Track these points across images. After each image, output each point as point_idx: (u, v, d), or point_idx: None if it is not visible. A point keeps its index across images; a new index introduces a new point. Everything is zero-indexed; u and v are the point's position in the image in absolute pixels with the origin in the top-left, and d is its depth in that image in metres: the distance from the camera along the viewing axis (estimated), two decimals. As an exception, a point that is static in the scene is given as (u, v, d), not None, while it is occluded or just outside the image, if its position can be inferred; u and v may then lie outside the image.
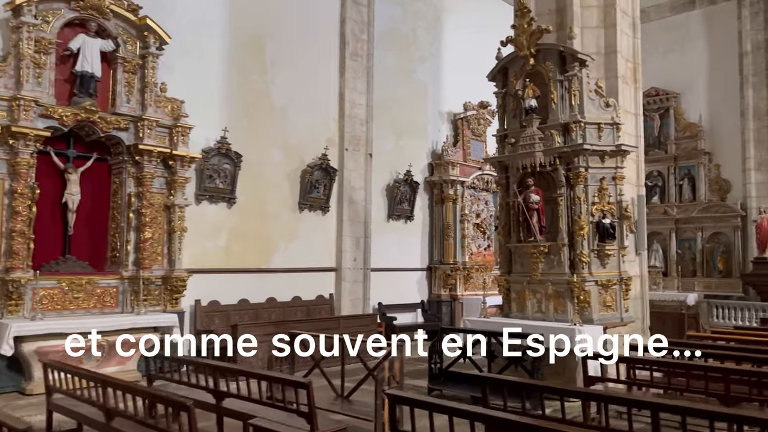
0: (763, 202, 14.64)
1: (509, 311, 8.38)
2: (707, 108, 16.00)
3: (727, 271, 15.34)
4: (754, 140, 14.97)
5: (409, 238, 13.52)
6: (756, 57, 15.02)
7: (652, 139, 16.89)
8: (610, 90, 8.22)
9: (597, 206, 7.79)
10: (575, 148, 7.68)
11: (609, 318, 7.71)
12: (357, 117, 12.07)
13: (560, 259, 7.81)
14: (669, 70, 16.62)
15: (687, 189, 16.16)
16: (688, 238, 16.00)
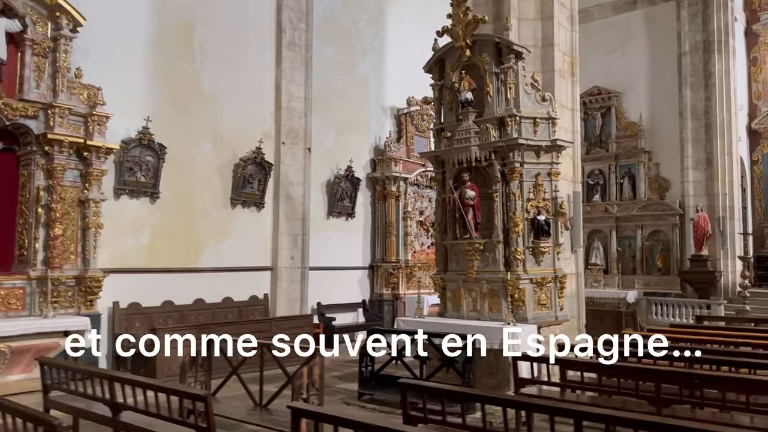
0: (700, 200, 14.89)
1: (445, 310, 8.12)
2: (648, 107, 16.20)
3: (665, 269, 15.56)
4: (691, 140, 15.20)
5: (351, 235, 13.14)
6: (694, 58, 15.27)
7: (594, 138, 17.03)
8: (547, 84, 8.05)
9: (532, 202, 7.60)
10: (510, 143, 7.47)
11: (544, 317, 7.53)
12: (295, 110, 11.60)
13: (495, 256, 7.59)
14: (611, 69, 16.77)
15: (627, 187, 16.33)
16: (629, 236, 16.17)
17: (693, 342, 7.42)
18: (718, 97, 14.92)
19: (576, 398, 5.65)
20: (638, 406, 5.13)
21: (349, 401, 7.17)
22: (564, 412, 3.52)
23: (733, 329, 8.71)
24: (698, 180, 15.10)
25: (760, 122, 16.88)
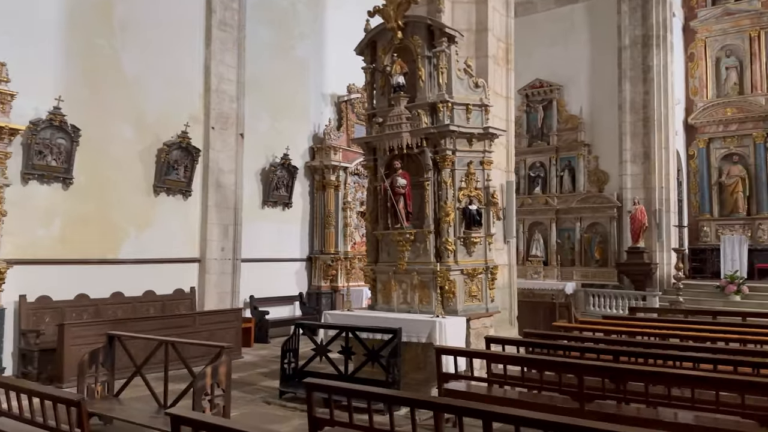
0: (637, 193, 15.10)
1: (375, 303, 7.82)
2: (588, 101, 16.32)
3: (603, 261, 15.75)
4: (630, 133, 15.38)
5: (287, 226, 12.70)
6: (633, 52, 15.43)
7: (536, 131, 17.08)
8: (480, 70, 7.83)
9: (464, 191, 7.37)
10: (442, 130, 7.20)
11: (474, 308, 7.32)
12: (226, 93, 11.05)
13: (426, 247, 7.33)
14: (554, 62, 16.81)
15: (568, 180, 16.44)
16: (568, 228, 16.29)
17: (623, 334, 7.37)
18: (656, 91, 15.14)
19: (503, 394, 5.44)
20: (563, 402, 4.96)
21: (270, 400, 6.79)
22: (471, 412, 3.26)
23: (664, 321, 8.75)
24: (636, 173, 15.30)
25: (696, 117, 17.26)
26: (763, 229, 16.08)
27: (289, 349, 6.96)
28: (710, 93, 17.31)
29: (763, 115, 16.23)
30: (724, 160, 17.07)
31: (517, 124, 17.40)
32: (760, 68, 16.51)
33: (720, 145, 17.15)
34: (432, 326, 6.57)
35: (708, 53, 17.39)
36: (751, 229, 16.28)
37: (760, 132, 16.34)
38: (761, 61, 16.51)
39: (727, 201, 16.90)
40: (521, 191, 17.08)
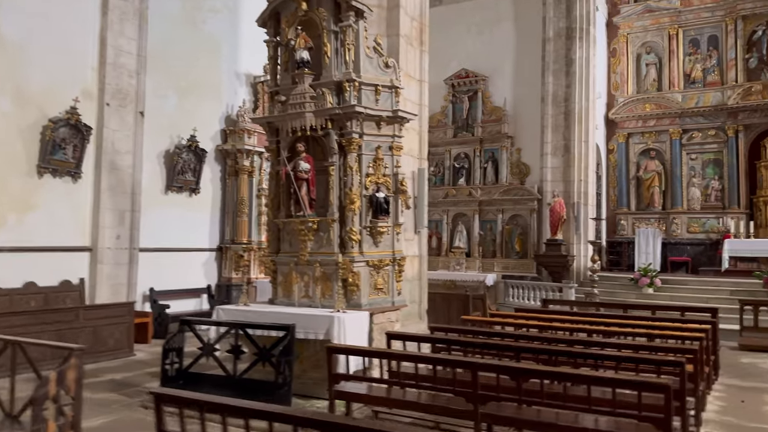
0: (557, 186, 15.16)
1: (275, 297, 7.26)
2: (512, 92, 16.26)
3: (523, 252, 15.78)
4: (551, 126, 15.42)
5: (195, 214, 11.88)
6: (557, 44, 15.45)
7: (461, 122, 16.91)
8: (392, 50, 7.38)
9: (371, 178, 6.90)
10: (348, 111, 6.70)
11: (380, 302, 6.89)
12: (124, 67, 10.11)
13: (330, 236, 6.82)
14: (480, 52, 16.67)
15: (491, 172, 16.37)
16: (491, 220, 16.23)
17: (532, 328, 7.14)
18: (578, 84, 15.22)
19: (402, 396, 5.03)
20: (458, 404, 4.59)
21: (149, 404, 6.10)
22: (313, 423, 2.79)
23: (574, 314, 8.64)
24: (556, 166, 15.36)
25: (617, 112, 17.54)
26: (677, 224, 16.56)
27: (173, 348, 6.30)
28: (631, 89, 17.65)
29: (679, 111, 16.66)
30: (642, 155, 17.46)
31: (443, 114, 17.25)
32: (678, 65, 16.94)
33: (639, 140, 17.52)
34: (330, 322, 6.09)
35: (629, 49, 17.70)
36: (666, 223, 16.73)
37: (676, 128, 16.79)
38: (679, 59, 16.94)
39: (644, 195, 17.31)
40: (446, 182, 16.92)
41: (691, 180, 16.61)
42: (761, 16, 15.80)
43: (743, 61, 16.03)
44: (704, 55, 16.71)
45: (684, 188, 16.62)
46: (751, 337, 10.05)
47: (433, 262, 16.78)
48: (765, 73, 15.81)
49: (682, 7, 16.85)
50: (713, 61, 16.57)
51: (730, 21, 16.17)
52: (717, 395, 6.91)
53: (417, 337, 5.85)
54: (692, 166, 16.66)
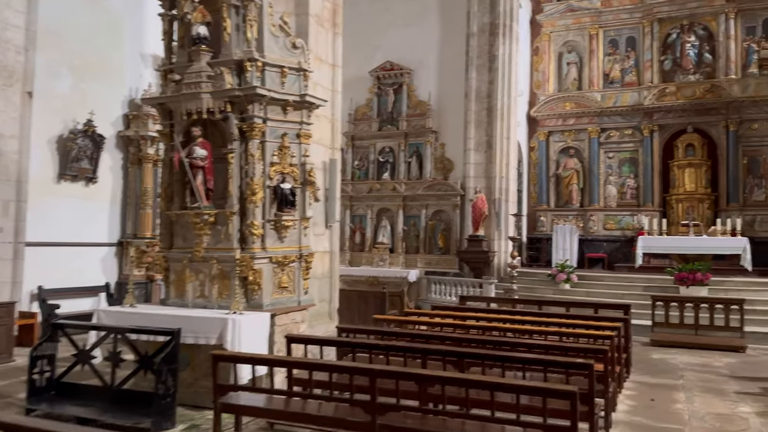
0: (479, 182, 15.07)
1: (168, 297, 6.60)
2: (437, 87, 16.05)
3: (446, 248, 15.63)
4: (474, 122, 15.31)
5: (92, 205, 10.90)
6: (480, 39, 15.34)
7: (386, 115, 16.56)
8: (301, 30, 6.88)
9: (276, 168, 6.38)
10: (249, 93, 6.14)
11: (284, 302, 6.39)
12: (10, 42, 9.04)
13: (228, 231, 6.24)
14: (405, 44, 16.34)
15: (416, 166, 16.11)
16: (415, 216, 15.99)
17: (447, 327, 6.83)
18: (501, 81, 15.17)
19: (302, 407, 4.54)
20: (356, 415, 4.16)
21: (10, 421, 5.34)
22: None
23: (489, 311, 8.44)
24: (479, 162, 15.27)
25: (538, 110, 17.70)
26: (594, 220, 16.89)
27: (43, 355, 5.55)
28: (552, 87, 17.84)
29: (597, 110, 16.98)
30: (562, 153, 17.71)
31: (368, 106, 16.83)
32: (598, 65, 17.25)
33: (559, 138, 17.76)
34: (224, 325, 5.52)
35: (552, 48, 17.89)
36: (584, 220, 17.04)
37: (594, 127, 17.10)
38: (599, 59, 17.26)
39: (563, 192, 17.57)
40: (371, 176, 16.54)
41: (608, 178, 16.99)
42: (676, 19, 16.30)
43: (659, 63, 16.51)
44: (623, 55, 17.10)
45: (601, 186, 16.98)
46: (662, 333, 10.22)
47: (356, 258, 16.42)
48: (679, 75, 16.34)
49: (603, 8, 17.17)
50: (631, 62, 16.99)
51: (647, 23, 16.61)
52: (628, 393, 6.84)
53: (320, 340, 5.39)
54: (609, 164, 17.04)
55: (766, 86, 15.22)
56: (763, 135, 15.35)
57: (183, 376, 5.88)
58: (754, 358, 9.15)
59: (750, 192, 15.43)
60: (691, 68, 16.21)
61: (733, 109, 15.48)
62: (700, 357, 8.97)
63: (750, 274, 13.08)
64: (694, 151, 15.77)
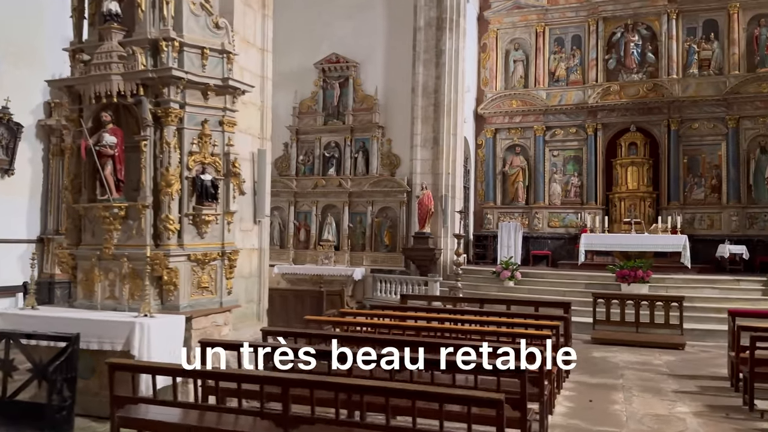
0: (426, 178, 14.81)
1: (75, 298, 6.03)
2: (383, 81, 15.72)
3: (392, 246, 15.33)
4: (421, 118, 15.04)
5: (8, 198, 10.06)
6: (428, 33, 15.08)
7: (332, 109, 16.14)
8: (225, 10, 6.41)
9: (196, 157, 5.88)
10: (164, 75, 5.62)
11: (204, 303, 5.91)
12: None
13: (141, 225, 5.71)
14: (351, 37, 15.96)
15: (362, 162, 15.74)
16: (360, 212, 15.63)
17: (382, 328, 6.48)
18: (447, 76, 14.96)
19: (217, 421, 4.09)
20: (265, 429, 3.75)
21: None
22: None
23: (431, 310, 8.14)
24: (425, 158, 15.03)
25: (485, 107, 17.60)
26: (539, 218, 16.91)
27: None
28: (499, 84, 17.77)
29: (543, 108, 17.00)
30: (508, 150, 17.67)
31: (313, 100, 16.35)
32: (544, 63, 17.27)
33: (505, 135, 17.71)
34: (131, 329, 5.01)
35: (499, 45, 17.81)
36: (529, 218, 17.04)
37: (540, 125, 17.11)
38: (545, 57, 17.27)
39: (509, 190, 17.54)
40: (316, 172, 16.07)
41: (553, 176, 17.03)
42: (620, 18, 16.44)
43: (603, 62, 16.63)
44: (568, 54, 17.16)
45: (546, 184, 17.01)
46: (603, 330, 10.17)
47: (300, 255, 15.94)
48: (622, 75, 16.50)
49: (549, 6, 17.19)
50: (576, 60, 17.06)
51: (592, 22, 16.70)
52: (567, 394, 6.65)
53: (238, 345, 4.94)
54: (554, 162, 17.08)
55: (706, 86, 15.52)
56: (702, 134, 15.65)
57: (88, 385, 5.38)
58: (693, 355, 9.17)
59: (690, 191, 15.72)
60: (635, 68, 16.40)
61: (674, 108, 15.73)
62: (640, 355, 8.93)
63: (689, 271, 13.27)
64: (637, 149, 15.95)
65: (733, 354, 6.94)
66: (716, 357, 8.82)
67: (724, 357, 8.09)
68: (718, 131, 15.45)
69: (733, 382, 7.04)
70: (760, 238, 14.44)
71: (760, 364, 5.99)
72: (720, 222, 15.22)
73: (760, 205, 14.95)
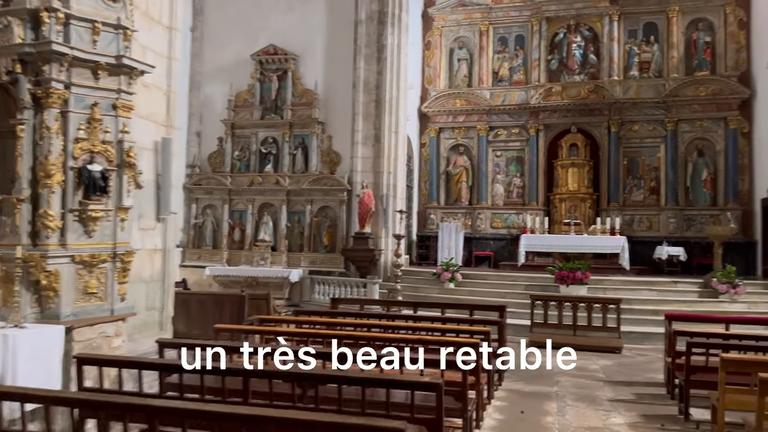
0: (367, 176, 14.29)
1: (-61, 306, 5.20)
2: (324, 75, 15.11)
3: (332, 246, 14.74)
4: (362, 114, 14.50)
5: None
6: (369, 27, 14.57)
7: (270, 103, 15.41)
8: (124, -21, 5.66)
9: (83, 144, 5.17)
10: (44, 50, 4.90)
11: (92, 311, 5.20)
12: None
13: (15, 222, 4.97)
14: (290, 28, 15.30)
15: (301, 159, 15.09)
16: (299, 211, 14.98)
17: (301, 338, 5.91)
18: (389, 72, 14.47)
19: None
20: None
21: None
22: None
23: (362, 315, 7.62)
24: (366, 156, 14.49)
25: (429, 106, 17.26)
26: (482, 218, 16.67)
27: None
28: (443, 83, 17.46)
29: (486, 108, 16.78)
30: (452, 150, 17.38)
31: (249, 93, 15.59)
32: (487, 63, 17.05)
33: (449, 135, 17.42)
34: (-9, 342, 4.28)
35: (443, 43, 17.50)
36: (472, 218, 16.79)
37: (483, 125, 16.89)
38: (488, 56, 17.06)
39: (453, 190, 17.26)
40: (252, 168, 15.30)
41: (496, 176, 16.83)
42: (563, 19, 16.37)
43: (546, 62, 16.52)
44: (512, 54, 17.00)
45: (489, 184, 16.79)
46: (540, 333, 9.87)
47: (235, 256, 15.14)
48: (565, 75, 16.43)
49: (493, 4, 16.99)
50: (519, 60, 16.91)
51: (535, 22, 16.58)
52: (498, 405, 6.25)
53: (119, 362, 4.28)
54: (497, 162, 16.89)
55: (646, 89, 15.59)
56: (642, 137, 15.72)
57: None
58: (630, 359, 8.97)
59: (629, 192, 15.76)
60: (577, 69, 16.35)
61: (614, 110, 15.75)
62: (577, 359, 8.64)
63: (628, 273, 13.22)
64: (578, 151, 15.90)
65: (669, 360, 6.69)
66: (653, 361, 8.63)
67: (661, 361, 7.90)
68: (658, 133, 15.55)
69: (669, 389, 6.81)
70: (697, 240, 14.57)
71: (696, 371, 5.73)
72: (658, 224, 15.32)
73: (697, 208, 15.12)
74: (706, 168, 15.12)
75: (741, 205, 14.58)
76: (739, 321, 8.10)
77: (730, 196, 14.72)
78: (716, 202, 14.97)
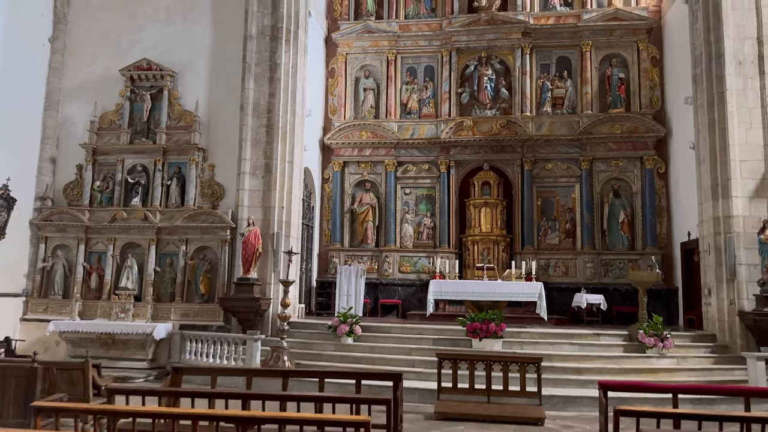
0: (254, 212, 12.21)
1: None
2: (207, 96, 13.14)
3: (210, 295, 12.46)
4: (251, 140, 12.52)
5: None
6: (260, 44, 12.79)
7: (141, 125, 13.20)
8: None
9: None
10: None
11: None
12: None
13: None
14: (169, 42, 13.33)
15: (176, 191, 12.85)
16: (171, 253, 12.64)
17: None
18: (283, 94, 12.66)
19: None
20: None
21: None
22: None
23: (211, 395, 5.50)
24: (255, 189, 12.45)
25: (333, 138, 15.63)
26: (389, 262, 14.99)
27: None
28: (348, 113, 15.95)
29: (394, 141, 15.37)
30: (357, 186, 15.77)
31: (117, 113, 13.23)
32: (395, 94, 15.75)
33: (354, 170, 15.81)
34: None
35: (348, 71, 16.07)
36: (378, 262, 15.08)
37: (391, 159, 15.44)
38: (396, 87, 15.78)
39: (358, 230, 15.57)
40: (116, 202, 12.87)
41: (405, 216, 15.31)
42: (474, 50, 15.39)
43: (456, 96, 15.41)
44: (421, 85, 15.80)
45: (398, 224, 15.23)
46: (448, 402, 8.10)
47: (90, 308, 12.46)
48: (476, 110, 15.34)
49: (401, 32, 15.80)
50: (429, 92, 15.71)
51: (445, 53, 15.50)
52: None
53: None
54: (406, 201, 15.40)
55: (559, 125, 14.72)
56: (556, 176, 14.75)
57: None
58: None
59: (544, 235, 14.65)
60: (488, 103, 15.33)
61: (527, 147, 14.73)
62: (491, 436, 6.89)
63: (546, 323, 11.83)
64: (490, 189, 14.69)
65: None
66: (582, 437, 7.02)
67: (593, 439, 6.27)
68: (572, 173, 14.63)
69: (610, 485, 5.15)
70: (616, 287, 13.53)
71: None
72: (575, 269, 14.21)
73: (614, 252, 14.16)
74: (623, 210, 14.26)
75: (660, 249, 13.74)
76: (688, 389, 6.65)
77: (648, 240, 13.87)
78: (634, 246, 14.08)
